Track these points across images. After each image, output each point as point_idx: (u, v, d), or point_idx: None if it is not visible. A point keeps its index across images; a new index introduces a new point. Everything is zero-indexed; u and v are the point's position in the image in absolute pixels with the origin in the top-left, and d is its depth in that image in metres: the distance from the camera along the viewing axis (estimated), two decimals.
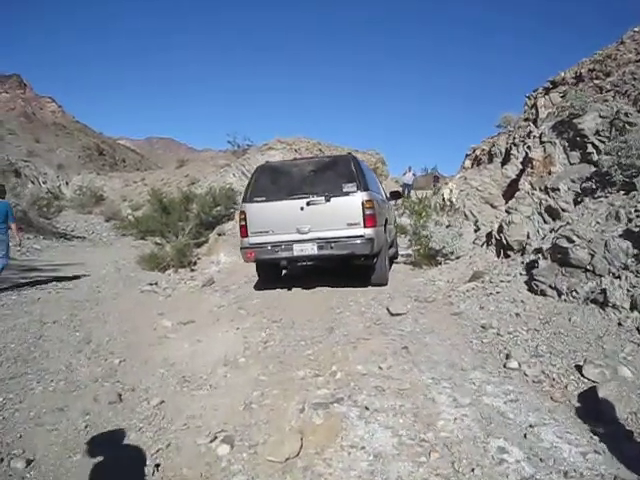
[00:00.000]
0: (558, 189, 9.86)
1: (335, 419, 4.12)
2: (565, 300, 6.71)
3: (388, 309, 7.64)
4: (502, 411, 4.32)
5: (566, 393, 4.72)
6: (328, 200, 8.19)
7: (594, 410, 4.32)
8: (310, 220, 8.27)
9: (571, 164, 10.15)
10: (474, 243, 11.52)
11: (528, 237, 9.88)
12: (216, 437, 4.16)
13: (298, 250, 8.37)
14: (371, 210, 8.25)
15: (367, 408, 4.26)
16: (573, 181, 9.76)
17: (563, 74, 13.30)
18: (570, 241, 6.96)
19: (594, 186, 8.02)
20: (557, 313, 6.46)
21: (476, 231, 12.01)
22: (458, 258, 11.06)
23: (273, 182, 8.61)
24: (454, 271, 10.39)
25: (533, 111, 14.46)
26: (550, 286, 7.04)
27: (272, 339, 6.61)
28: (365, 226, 8.20)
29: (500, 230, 10.36)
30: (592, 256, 6.65)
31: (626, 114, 9.14)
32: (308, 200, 8.26)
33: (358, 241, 8.19)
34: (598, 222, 7.01)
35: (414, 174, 30.60)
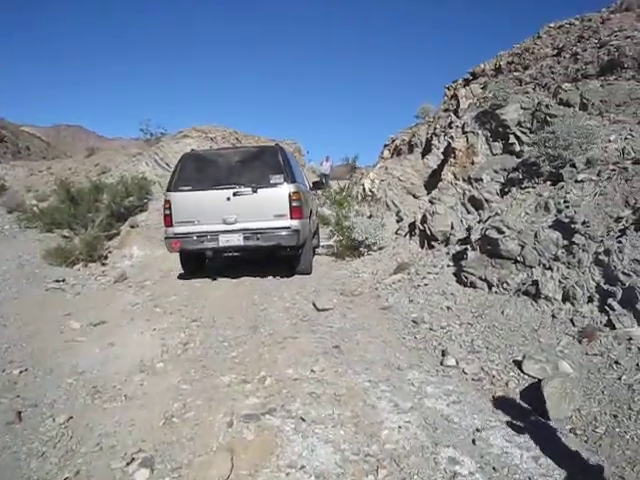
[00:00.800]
0: (481, 179, 9.85)
1: (268, 433, 3.66)
2: (496, 292, 6.57)
3: (314, 304, 7.25)
4: (446, 415, 4.03)
5: (507, 391, 4.51)
6: (255, 191, 8.10)
7: (538, 409, 4.13)
8: (236, 211, 8.14)
9: (493, 154, 10.17)
10: (397, 234, 11.37)
11: (452, 228, 9.81)
12: (133, 459, 3.60)
13: (224, 241, 8.23)
14: (298, 202, 8.20)
15: (303, 419, 3.83)
16: (496, 171, 9.78)
17: (483, 66, 13.43)
18: (500, 232, 6.84)
19: (521, 176, 7.99)
20: (489, 306, 6.31)
21: (398, 222, 11.87)
22: (381, 249, 10.85)
23: (199, 171, 8.39)
24: (378, 262, 10.16)
25: (453, 102, 14.55)
26: (480, 278, 6.90)
27: (192, 340, 6.04)
28: (292, 218, 8.16)
29: (424, 220, 10.24)
30: (522, 247, 6.55)
31: (547, 106, 9.21)
32: (235, 190, 8.12)
33: (284, 232, 8.14)
34: (527, 213, 6.94)
35: (331, 164, 30.42)
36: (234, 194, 8.11)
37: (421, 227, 10.35)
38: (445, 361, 5.13)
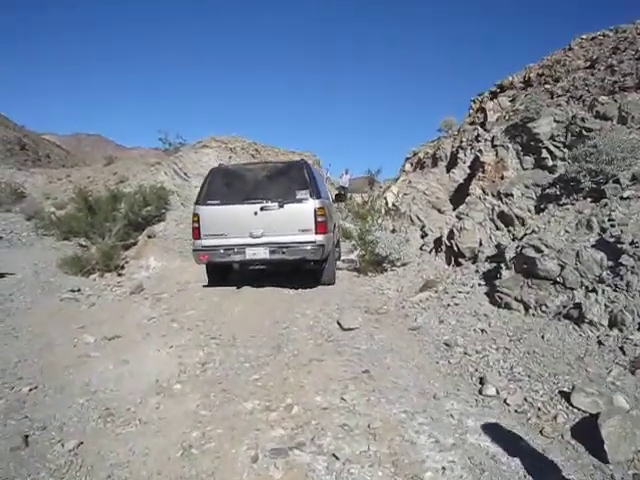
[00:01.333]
0: (512, 195, 9.46)
1: (298, 472, 3.31)
2: (534, 315, 6.17)
3: (339, 323, 6.90)
4: (492, 453, 3.65)
5: (557, 427, 4.10)
6: (282, 206, 8.24)
7: (594, 449, 3.73)
8: (263, 225, 8.28)
9: (524, 169, 9.79)
10: (421, 249, 10.99)
11: (480, 244, 9.43)
12: None
13: (250, 254, 8.36)
14: (323, 217, 8.32)
15: (336, 456, 3.47)
16: (527, 187, 9.39)
17: (511, 78, 13.07)
18: (538, 251, 6.45)
19: (558, 192, 7.60)
20: (527, 329, 5.91)
21: (423, 237, 11.49)
22: (405, 265, 10.48)
23: (227, 185, 8.57)
24: (402, 279, 9.79)
25: (480, 115, 14.19)
26: (516, 299, 6.51)
27: (211, 360, 5.71)
28: (317, 232, 8.27)
29: (451, 236, 9.87)
30: (562, 267, 6.16)
31: (582, 119, 8.83)
32: (262, 205, 8.26)
33: (309, 247, 8.24)
34: (567, 231, 6.55)
35: (350, 177, 30.17)
36: (261, 209, 8.24)
37: (448, 243, 9.97)
38: (484, 390, 4.74)
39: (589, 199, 6.89)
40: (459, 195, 11.87)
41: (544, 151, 9.31)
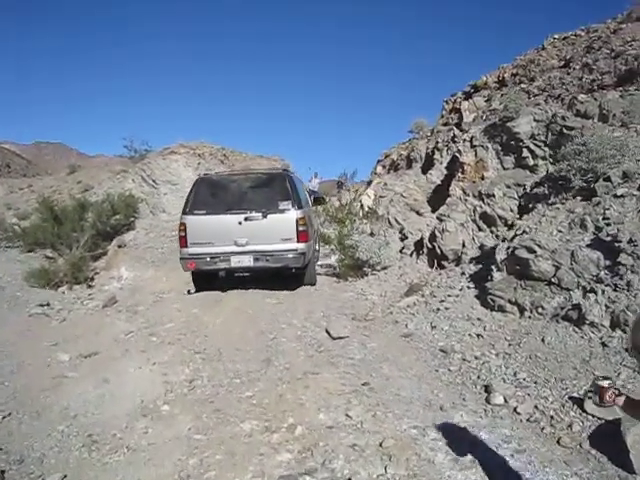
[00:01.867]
0: (493, 195, 9.35)
1: None
2: (530, 317, 6.01)
3: (328, 332, 6.63)
4: (514, 468, 3.42)
5: (574, 436, 3.91)
6: (265, 216, 8.45)
7: (617, 459, 3.54)
8: (247, 234, 8.47)
9: (505, 169, 9.69)
10: (402, 252, 10.79)
11: (463, 246, 9.29)
12: None
13: (235, 262, 8.56)
14: (304, 226, 8.56)
15: None
16: (509, 186, 9.30)
17: (485, 78, 13.04)
18: (531, 251, 6.29)
19: (546, 192, 7.48)
20: (526, 333, 5.74)
21: (403, 240, 11.30)
22: (385, 269, 10.27)
23: (212, 196, 8.80)
24: (384, 283, 9.59)
25: (454, 115, 14.13)
26: (510, 301, 6.34)
27: (199, 376, 5.36)
28: (298, 241, 8.47)
29: (432, 239, 9.70)
30: (557, 268, 6.01)
31: (563, 118, 8.77)
32: (246, 215, 8.46)
33: (291, 255, 8.46)
34: (560, 231, 6.41)
35: (320, 180, 29.95)
36: (245, 219, 8.44)
37: (429, 245, 9.80)
38: (492, 399, 4.53)
39: (579, 198, 6.78)
40: (437, 196, 11.74)
41: (525, 150, 9.22)
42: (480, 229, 9.41)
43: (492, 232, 9.25)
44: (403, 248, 10.89)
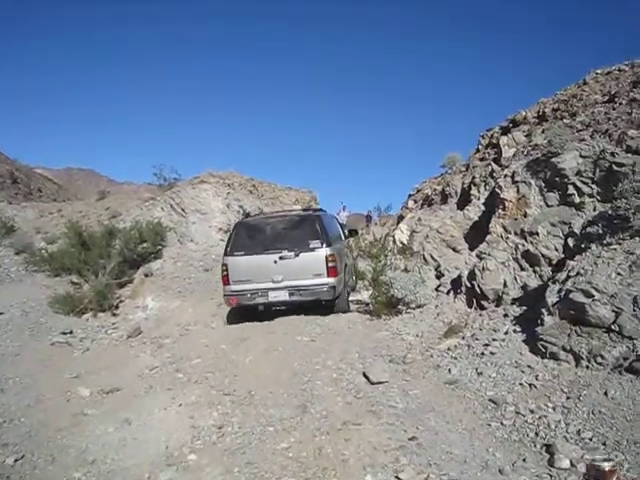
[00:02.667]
0: (537, 233, 8.92)
1: None
2: (588, 367, 5.53)
3: (366, 376, 6.22)
4: None
5: None
6: (297, 255, 9.31)
7: None
8: (282, 271, 9.30)
9: (548, 206, 9.26)
10: (438, 290, 10.36)
11: (505, 285, 8.84)
12: None
13: (273, 296, 9.40)
14: (333, 263, 9.38)
15: None
16: (553, 225, 8.87)
17: (524, 113, 12.70)
18: (587, 295, 5.85)
19: (600, 231, 7.05)
20: (585, 384, 5.26)
21: (438, 277, 10.88)
22: (420, 307, 9.84)
23: (250, 237, 9.69)
24: (420, 323, 9.15)
25: (490, 150, 13.79)
26: (564, 348, 5.87)
27: (228, 422, 4.99)
28: (328, 276, 9.30)
29: (472, 277, 9.27)
30: (617, 314, 5.55)
31: (612, 154, 8.36)
32: (280, 255, 9.31)
33: (324, 289, 9.29)
34: (619, 274, 5.95)
35: (348, 213, 29.72)
36: (280, 258, 9.30)
37: (468, 284, 9.36)
38: (556, 461, 4.07)
39: (639, 238, 6.35)
40: (475, 233, 11.33)
41: (570, 187, 8.80)
42: (522, 268, 8.95)
43: (535, 272, 8.80)
44: (439, 286, 10.46)
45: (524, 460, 4.15)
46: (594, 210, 8.52)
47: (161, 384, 6.31)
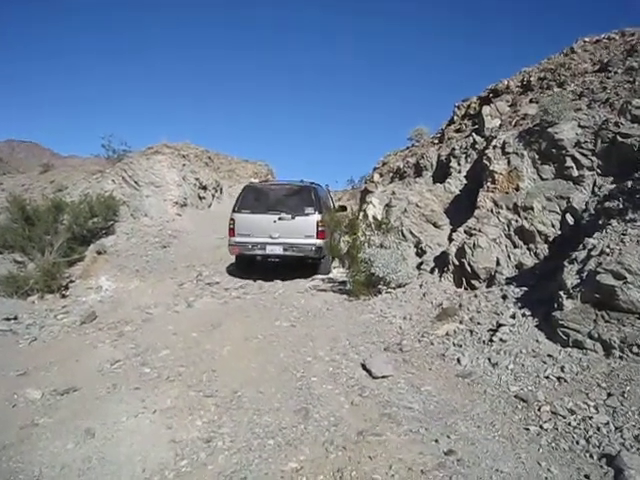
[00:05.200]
0: (531, 208, 8.29)
1: None
2: (622, 357, 4.89)
3: (366, 369, 5.46)
4: None
5: None
6: (293, 218, 10.86)
7: None
8: (279, 230, 10.82)
9: (543, 179, 8.62)
10: (420, 269, 9.66)
11: (498, 264, 8.22)
12: None
13: (269, 249, 10.89)
14: (322, 227, 10.86)
15: None
16: (549, 199, 8.25)
17: (506, 82, 12.03)
18: (618, 277, 5.20)
19: (621, 206, 6.42)
20: (626, 379, 4.60)
21: (419, 254, 10.18)
22: (401, 286, 9.12)
23: (255, 199, 11.16)
24: (405, 304, 8.42)
25: (467, 121, 13.12)
26: (590, 336, 5.22)
27: (216, 433, 4.10)
28: (317, 238, 10.82)
29: (461, 255, 8.60)
30: None
31: (616, 124, 7.77)
32: (279, 216, 10.84)
33: (312, 248, 10.81)
34: None
35: None
36: (279, 218, 10.83)
37: (456, 262, 8.68)
38: (628, 479, 3.38)
39: None
40: (455, 207, 10.68)
41: (568, 159, 8.17)
42: (516, 246, 8.32)
43: (530, 250, 8.18)
44: (421, 264, 9.75)
45: (587, 477, 3.45)
46: (594, 184, 7.95)
47: (126, 382, 5.35)
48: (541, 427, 4.12)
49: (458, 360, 5.71)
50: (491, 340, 6.01)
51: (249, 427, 4.15)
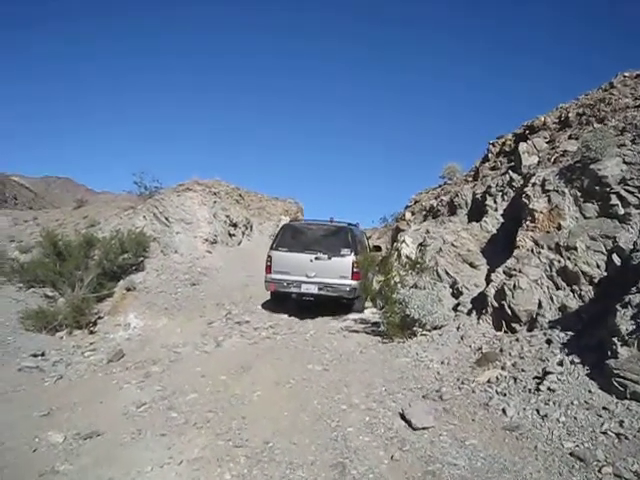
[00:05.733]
0: (575, 248, 7.91)
1: None
2: None
3: (405, 419, 5.12)
4: None
5: None
6: (330, 258, 10.98)
7: None
8: (315, 269, 10.96)
9: (586, 218, 8.27)
10: (456, 310, 9.29)
11: (540, 306, 7.82)
12: None
13: (305, 288, 11.03)
14: (357, 268, 10.86)
15: None
16: (594, 239, 7.87)
17: (543, 118, 11.79)
18: None
19: None
20: None
21: (455, 295, 9.82)
22: (436, 328, 8.76)
23: (293, 237, 11.42)
24: (442, 347, 8.06)
25: (502, 159, 12.87)
26: None
27: None
28: (352, 279, 10.85)
29: (500, 296, 8.23)
30: None
31: None
32: (316, 256, 11.00)
33: (347, 288, 10.86)
34: None
35: None
36: (315, 258, 11.00)
37: (496, 304, 8.32)
38: None
39: None
40: (492, 247, 10.33)
41: (613, 197, 7.84)
42: (558, 287, 7.92)
43: (574, 291, 7.77)
44: (458, 305, 9.39)
45: None
46: None
47: (152, 427, 5.11)
48: None
49: (503, 411, 5.33)
50: (538, 389, 5.62)
51: None
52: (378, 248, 13.84)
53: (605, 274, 7.59)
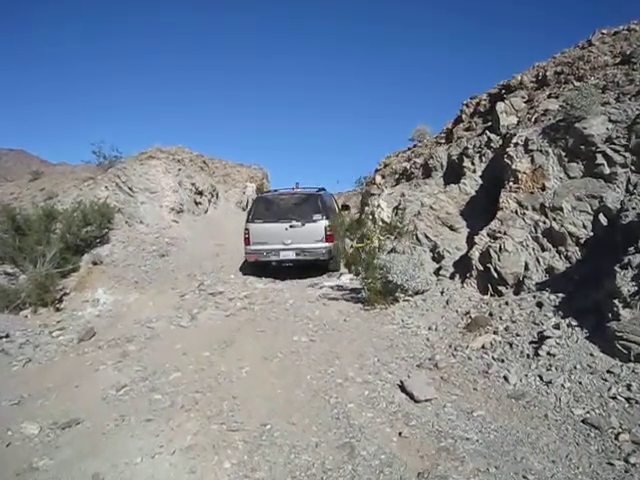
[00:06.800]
0: (560, 208, 7.76)
1: None
2: None
3: (406, 391, 4.88)
4: None
5: None
6: (303, 225, 11.59)
7: None
8: (291, 236, 11.54)
9: (570, 177, 8.11)
10: (438, 274, 9.11)
11: (526, 268, 7.69)
12: None
13: (283, 255, 11.59)
14: (330, 231, 11.51)
15: None
16: (579, 199, 7.73)
17: (520, 77, 11.51)
18: None
19: None
20: None
21: (435, 259, 9.62)
22: (418, 293, 8.57)
23: (267, 209, 12.01)
24: (428, 313, 7.88)
25: (477, 119, 12.60)
26: None
27: (251, 479, 3.50)
28: (326, 241, 11.51)
29: (485, 259, 8.07)
30: None
31: None
32: (290, 224, 11.58)
33: (323, 251, 11.51)
34: None
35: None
36: (290, 226, 11.57)
37: (480, 267, 8.15)
38: None
39: None
40: (470, 209, 10.14)
41: (599, 156, 7.68)
42: (544, 249, 7.78)
43: (560, 253, 7.63)
44: (440, 269, 9.21)
45: None
46: (628, 182, 7.44)
47: (135, 412, 4.74)
48: (626, 461, 3.56)
49: (505, 378, 5.15)
50: (537, 354, 5.46)
51: (288, 469, 3.56)
52: (346, 207, 14.50)
53: (592, 234, 7.47)
